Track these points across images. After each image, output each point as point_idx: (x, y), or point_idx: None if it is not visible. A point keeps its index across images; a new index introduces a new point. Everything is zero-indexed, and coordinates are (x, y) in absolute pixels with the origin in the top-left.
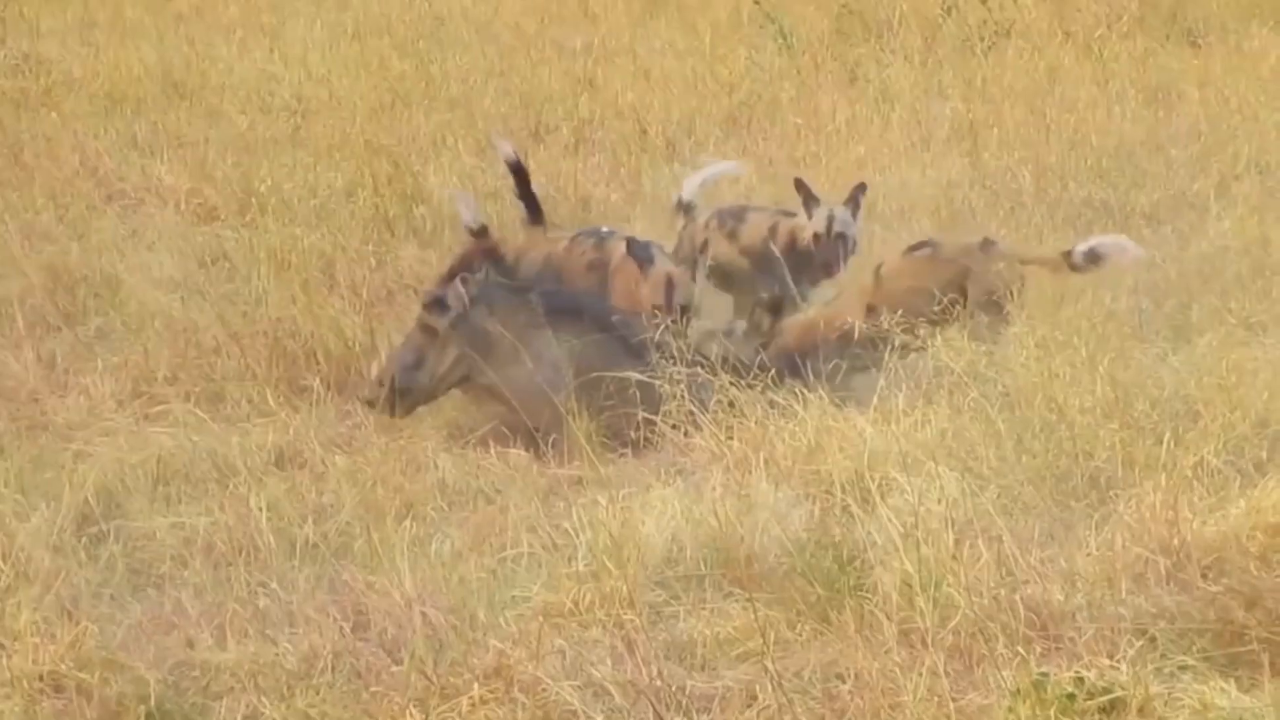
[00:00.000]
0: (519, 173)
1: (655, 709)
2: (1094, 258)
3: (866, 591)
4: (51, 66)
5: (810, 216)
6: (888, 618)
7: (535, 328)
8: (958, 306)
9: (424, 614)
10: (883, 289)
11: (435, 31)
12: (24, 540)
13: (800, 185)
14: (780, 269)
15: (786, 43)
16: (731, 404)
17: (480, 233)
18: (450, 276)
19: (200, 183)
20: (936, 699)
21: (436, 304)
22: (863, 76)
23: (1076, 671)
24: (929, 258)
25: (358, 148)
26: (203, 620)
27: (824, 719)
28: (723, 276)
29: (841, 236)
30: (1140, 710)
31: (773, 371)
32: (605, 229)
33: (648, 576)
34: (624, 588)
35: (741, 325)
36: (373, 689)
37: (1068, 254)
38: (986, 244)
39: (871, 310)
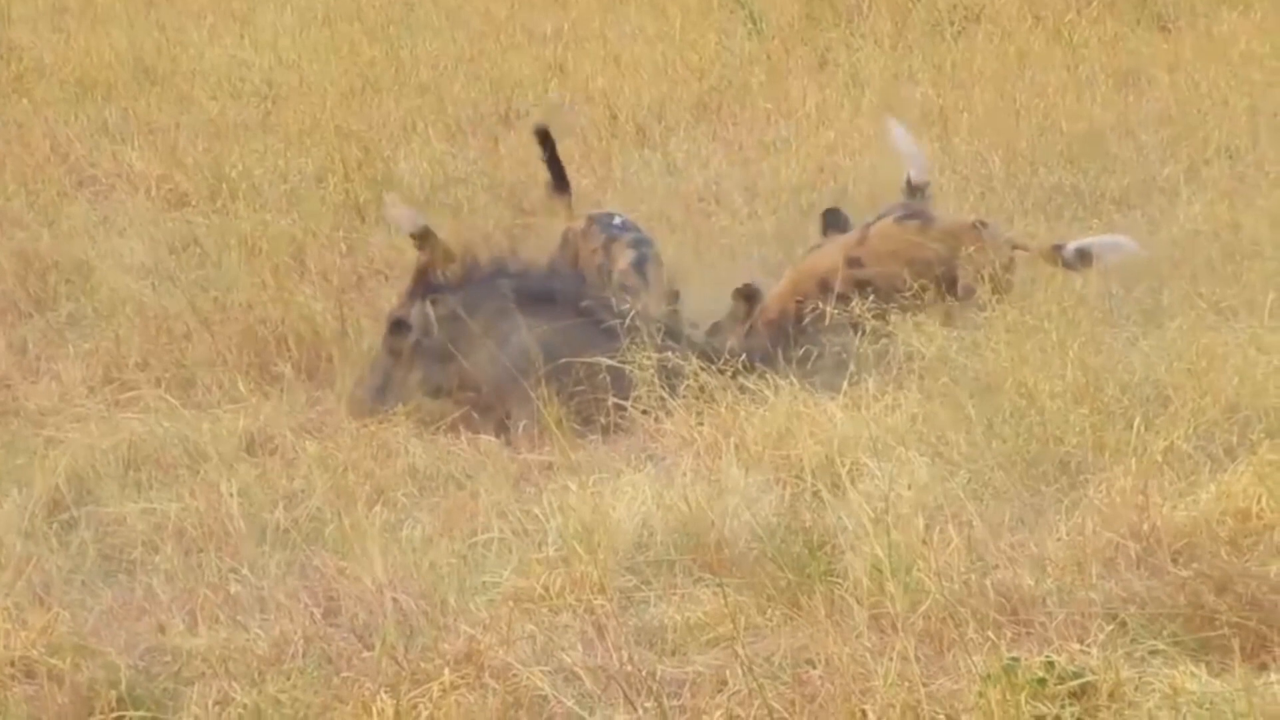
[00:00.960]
0: (545, 140)
1: (626, 694)
2: (1084, 257)
3: (837, 577)
4: (22, 53)
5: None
6: (858, 603)
7: (504, 314)
8: (928, 291)
9: (395, 599)
10: (867, 246)
11: (405, 17)
12: None
13: (827, 214)
14: None
15: (756, 28)
16: (702, 389)
17: (423, 235)
18: (413, 293)
19: (171, 169)
20: (907, 684)
21: (399, 326)
22: (833, 61)
23: (1047, 656)
24: (918, 229)
25: (328, 133)
26: (174, 606)
27: (794, 704)
28: None
29: None
30: (1111, 695)
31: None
32: (618, 220)
33: (618, 562)
34: (594, 573)
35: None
36: (344, 674)
37: (1058, 248)
38: (978, 225)
39: (852, 263)
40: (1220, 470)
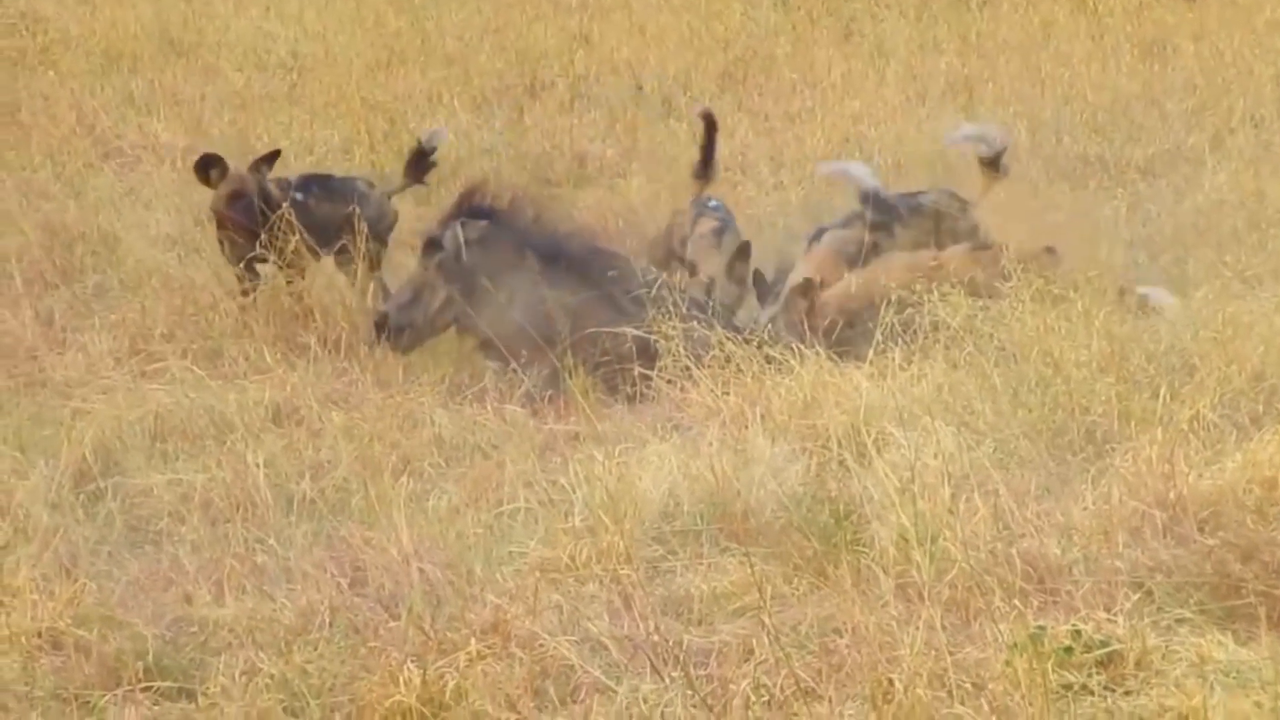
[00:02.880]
0: (710, 127)
1: (652, 663)
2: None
3: (863, 546)
4: (49, 25)
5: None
6: (884, 572)
7: (528, 279)
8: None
9: (421, 569)
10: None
11: None
12: (22, 497)
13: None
14: None
15: None
16: (728, 359)
17: (430, 153)
18: (452, 215)
19: (197, 140)
20: (933, 653)
21: (431, 244)
22: (858, 31)
23: (1073, 625)
24: (993, 258)
25: (354, 105)
26: (200, 576)
27: (821, 673)
28: None
29: None
30: (1137, 663)
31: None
32: (713, 202)
33: (644, 532)
34: (621, 543)
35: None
36: (370, 644)
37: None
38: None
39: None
40: (1246, 439)
